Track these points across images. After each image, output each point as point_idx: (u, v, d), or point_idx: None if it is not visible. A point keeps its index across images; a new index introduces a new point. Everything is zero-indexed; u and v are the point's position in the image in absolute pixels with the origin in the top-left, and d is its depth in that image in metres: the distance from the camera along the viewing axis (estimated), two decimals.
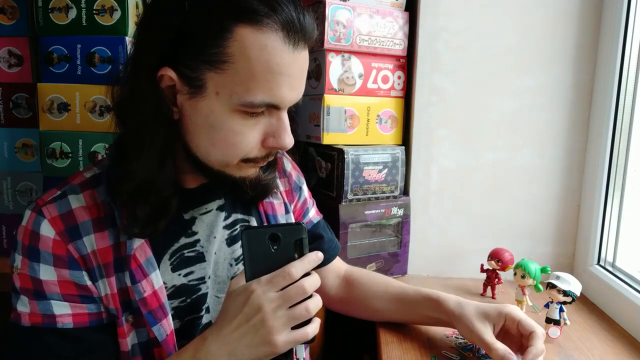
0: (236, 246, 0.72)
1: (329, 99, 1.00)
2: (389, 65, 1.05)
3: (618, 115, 0.98)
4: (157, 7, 0.58)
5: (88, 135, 0.92)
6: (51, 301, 0.59)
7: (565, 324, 0.81)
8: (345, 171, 0.98)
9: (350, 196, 1.00)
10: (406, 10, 1.05)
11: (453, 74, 1.07)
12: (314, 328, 0.56)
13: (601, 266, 1.01)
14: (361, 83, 1.03)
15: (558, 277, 0.81)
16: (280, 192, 0.78)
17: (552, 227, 1.11)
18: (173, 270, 0.66)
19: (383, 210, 1.05)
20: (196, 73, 0.55)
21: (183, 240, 0.67)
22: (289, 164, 0.83)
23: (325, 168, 1.06)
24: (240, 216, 0.73)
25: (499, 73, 1.07)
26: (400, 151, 1.06)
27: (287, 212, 0.78)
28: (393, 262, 1.09)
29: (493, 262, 0.98)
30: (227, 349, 0.54)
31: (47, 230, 0.59)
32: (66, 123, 0.92)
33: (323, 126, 1.00)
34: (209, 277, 0.69)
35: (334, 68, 1.00)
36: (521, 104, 1.08)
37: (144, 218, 0.60)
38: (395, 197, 1.07)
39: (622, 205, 0.98)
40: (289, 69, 0.56)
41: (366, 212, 1.03)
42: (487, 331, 0.70)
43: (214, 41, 0.54)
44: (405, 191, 1.10)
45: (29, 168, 0.97)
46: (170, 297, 0.65)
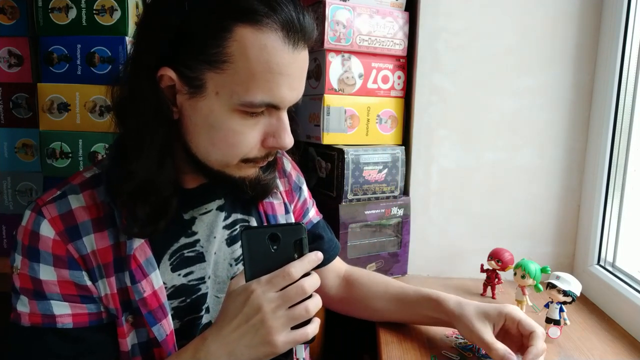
0: (236, 246, 0.72)
1: (329, 99, 1.00)
2: (389, 65, 1.05)
3: (618, 115, 0.98)
4: (157, 7, 0.58)
5: (88, 135, 0.92)
6: (51, 301, 0.59)
7: (565, 324, 0.81)
8: (345, 171, 0.98)
9: (350, 196, 1.00)
10: (406, 10, 1.05)
11: (453, 74, 1.07)
12: (314, 328, 0.56)
13: (601, 266, 1.01)
14: (361, 83, 1.03)
15: (558, 277, 0.81)
16: (280, 192, 0.78)
17: (552, 227, 1.11)
18: (173, 270, 0.66)
19: (383, 210, 1.05)
20: (196, 73, 0.55)
21: (183, 240, 0.67)
22: (289, 164, 0.83)
23: (325, 168, 1.06)
24: (240, 216, 0.73)
25: (499, 73, 1.07)
26: (400, 151, 1.06)
27: (287, 212, 0.78)
28: (393, 262, 1.09)
29: (493, 262, 0.98)
30: (227, 349, 0.54)
31: (47, 230, 0.59)
32: (66, 123, 0.92)
33: (323, 126, 1.00)
34: (209, 277, 0.69)
35: (334, 68, 1.00)
36: (521, 104, 1.08)
37: (144, 218, 0.60)
38: (395, 197, 1.07)
39: (622, 205, 0.98)
40: (289, 69, 0.56)
41: (366, 212, 1.03)
42: (487, 331, 0.70)
43: (214, 41, 0.54)
44: (405, 191, 1.10)
45: (29, 168, 0.97)
46: (170, 297, 0.65)
